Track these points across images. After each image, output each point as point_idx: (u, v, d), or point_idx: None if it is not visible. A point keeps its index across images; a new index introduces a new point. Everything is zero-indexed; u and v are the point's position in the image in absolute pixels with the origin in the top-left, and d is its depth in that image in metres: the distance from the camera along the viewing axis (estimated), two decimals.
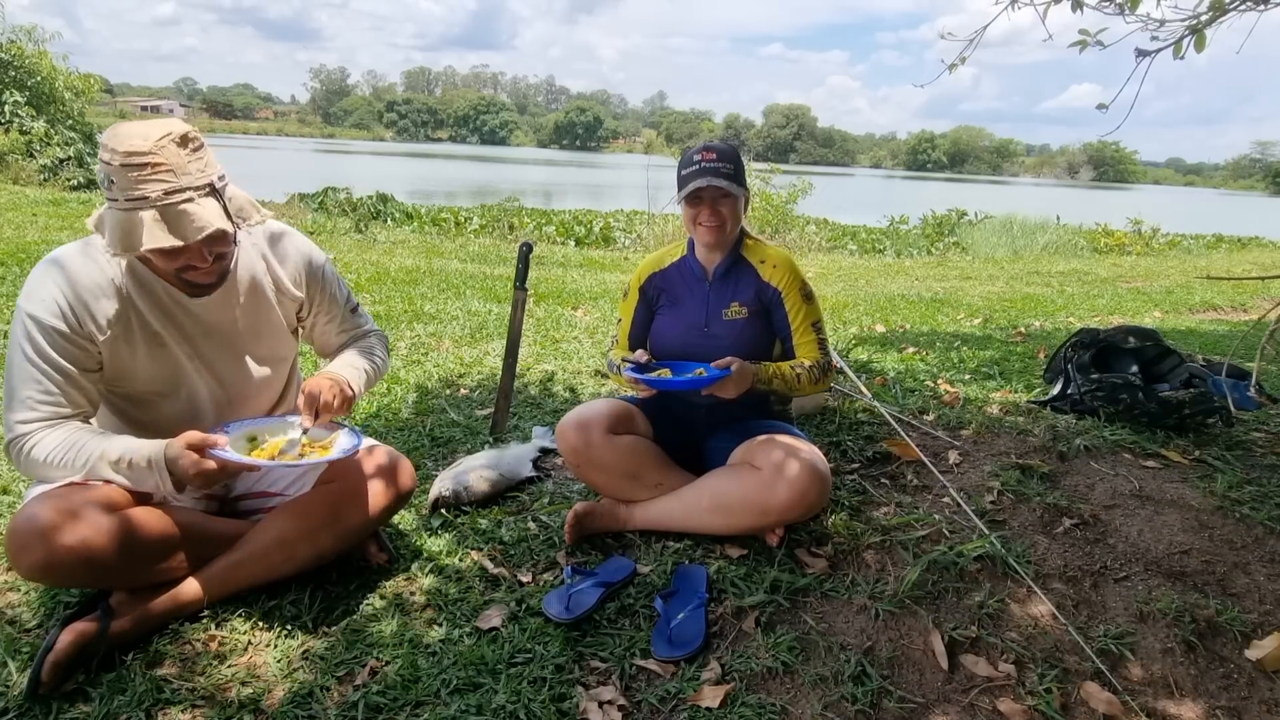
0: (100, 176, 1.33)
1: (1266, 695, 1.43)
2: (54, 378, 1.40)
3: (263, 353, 1.66)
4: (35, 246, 5.01)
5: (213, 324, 1.56)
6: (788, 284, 1.93)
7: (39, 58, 12.37)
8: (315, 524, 1.56)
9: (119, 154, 1.29)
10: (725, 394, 1.80)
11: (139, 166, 1.29)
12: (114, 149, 1.30)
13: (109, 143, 1.31)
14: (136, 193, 1.30)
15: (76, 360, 1.42)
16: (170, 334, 1.52)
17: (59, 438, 1.39)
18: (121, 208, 1.31)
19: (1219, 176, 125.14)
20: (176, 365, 1.54)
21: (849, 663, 1.47)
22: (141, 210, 1.30)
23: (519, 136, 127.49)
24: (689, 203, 1.88)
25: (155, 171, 1.30)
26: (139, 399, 1.56)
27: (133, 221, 1.30)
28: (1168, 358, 2.74)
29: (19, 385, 1.40)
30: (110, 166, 1.30)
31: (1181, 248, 14.43)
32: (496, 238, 10.41)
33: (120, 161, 1.29)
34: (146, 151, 1.30)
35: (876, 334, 4.40)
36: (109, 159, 1.30)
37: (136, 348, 1.48)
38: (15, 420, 1.39)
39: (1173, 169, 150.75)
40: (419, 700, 1.36)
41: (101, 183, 1.34)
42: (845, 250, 12.13)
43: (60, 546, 1.31)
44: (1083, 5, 2.18)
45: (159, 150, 1.31)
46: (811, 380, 1.90)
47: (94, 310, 1.42)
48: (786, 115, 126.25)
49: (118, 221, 1.31)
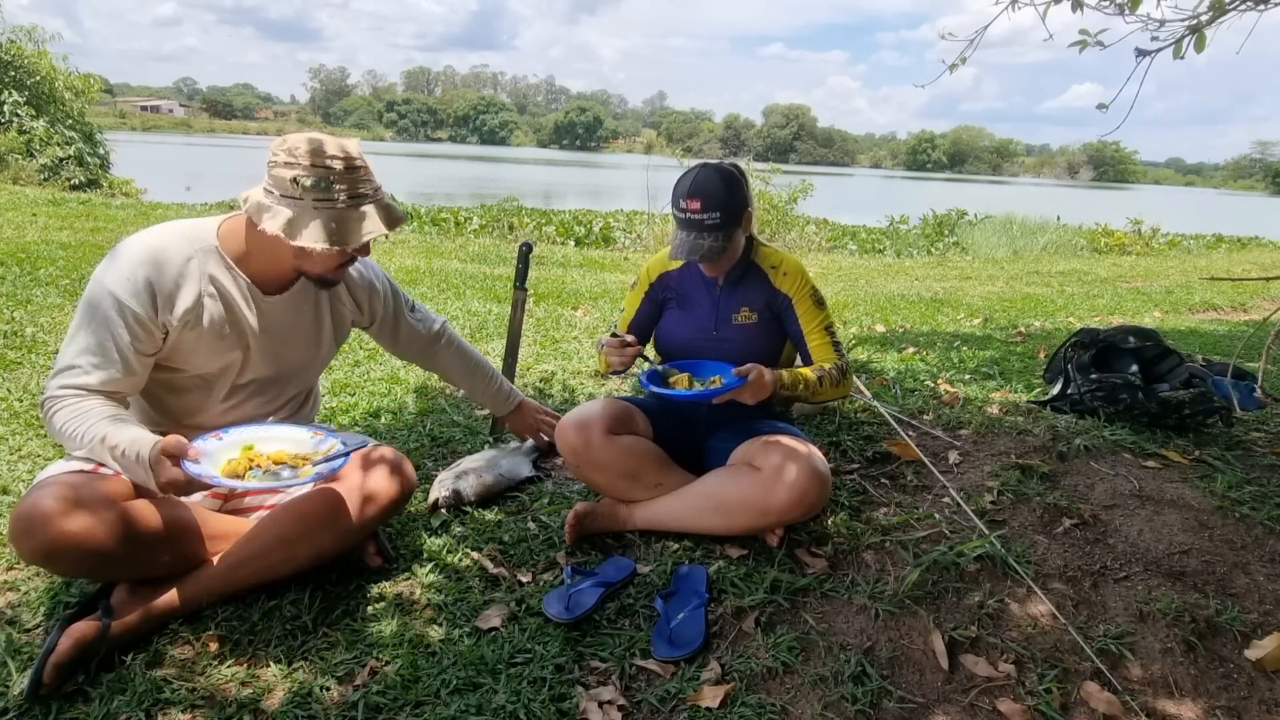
0: (310, 180, 1.44)
1: (1266, 695, 1.44)
2: (112, 354, 1.45)
3: (301, 357, 1.74)
4: (35, 246, 5.01)
5: (272, 324, 1.64)
6: (798, 290, 1.92)
7: (39, 58, 12.36)
8: (315, 524, 1.57)
9: (340, 159, 1.47)
10: (744, 399, 1.77)
11: (357, 169, 1.50)
12: (332, 154, 1.46)
13: (325, 148, 1.46)
14: (360, 190, 1.49)
15: (139, 342, 1.48)
16: (235, 329, 1.59)
17: (83, 409, 1.42)
18: (342, 205, 1.47)
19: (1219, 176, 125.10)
20: (229, 360, 1.61)
21: (849, 663, 1.47)
22: (364, 205, 1.50)
23: (519, 136, 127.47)
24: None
25: (367, 174, 1.52)
26: (177, 386, 1.62)
27: (352, 216, 1.49)
28: (1168, 358, 2.74)
29: (75, 353, 1.45)
30: (333, 171, 1.46)
31: (1181, 248, 14.43)
32: (496, 238, 10.41)
33: (343, 166, 1.47)
34: (358, 156, 1.51)
35: (876, 334, 4.40)
36: (329, 163, 1.45)
37: (201, 337, 1.55)
38: (55, 384, 1.45)
39: (1173, 169, 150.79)
40: (419, 700, 1.36)
41: (311, 187, 1.44)
42: (845, 250, 12.13)
43: (62, 534, 1.33)
44: (1083, 5, 2.18)
45: (361, 156, 1.53)
46: (833, 383, 1.88)
47: (175, 298, 1.50)
48: (786, 115, 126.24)
49: (336, 217, 1.47)
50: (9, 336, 3.13)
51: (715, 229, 1.78)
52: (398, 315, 1.93)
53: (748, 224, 1.89)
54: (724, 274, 1.94)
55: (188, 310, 1.51)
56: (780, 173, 12.11)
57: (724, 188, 1.79)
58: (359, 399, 2.76)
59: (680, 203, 1.80)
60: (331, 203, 1.46)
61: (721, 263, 1.88)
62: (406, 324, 1.95)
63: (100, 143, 13.20)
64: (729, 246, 1.83)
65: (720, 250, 1.80)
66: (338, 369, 3.10)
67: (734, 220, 1.81)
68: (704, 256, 1.79)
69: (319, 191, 1.45)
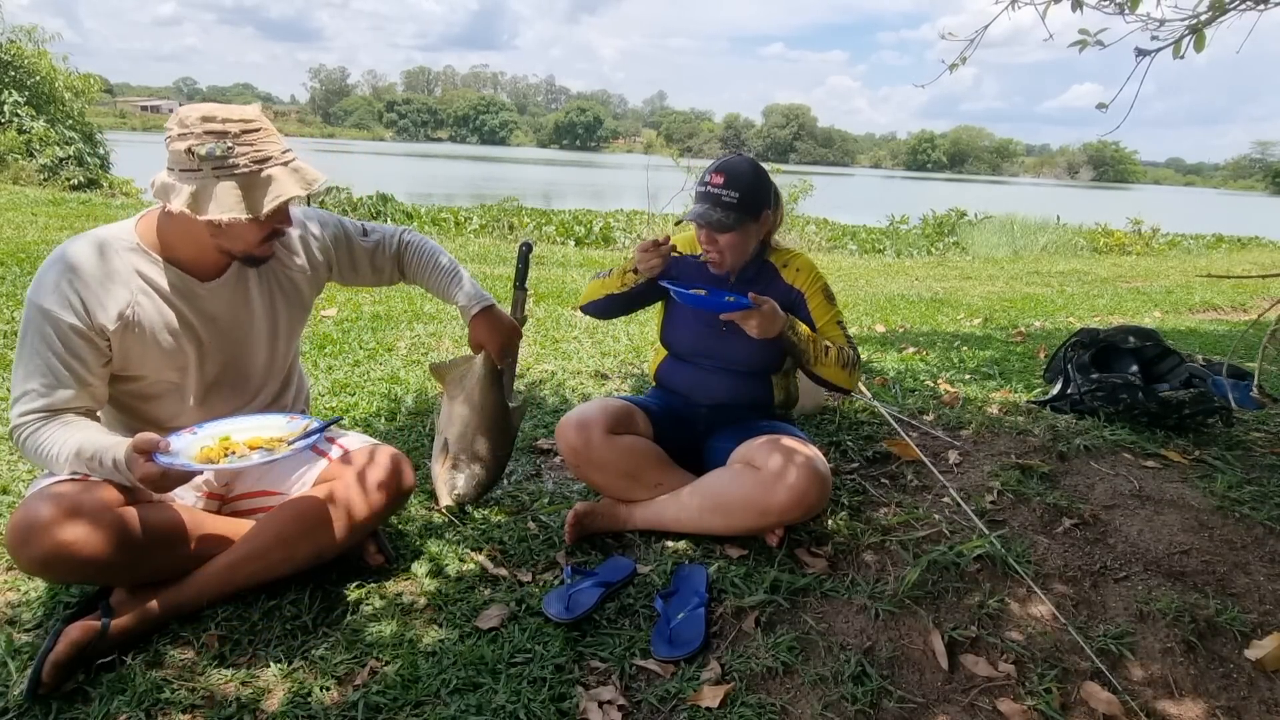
0: (205, 149, 1.36)
1: (1266, 695, 1.44)
2: (60, 371, 1.41)
3: (266, 338, 1.68)
4: (35, 246, 5.01)
5: (218, 310, 1.58)
6: (811, 285, 1.93)
7: (39, 58, 12.35)
8: (315, 523, 1.56)
9: (235, 122, 1.38)
10: (748, 326, 1.75)
11: (255, 130, 1.41)
12: (227, 118, 1.38)
13: (216, 114, 1.38)
14: (262, 153, 1.41)
15: (85, 353, 1.43)
16: (179, 323, 1.53)
17: (48, 431, 1.40)
18: (244, 170, 1.39)
19: (1219, 176, 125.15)
20: (184, 355, 1.56)
21: (849, 663, 1.47)
22: (268, 168, 1.41)
23: (519, 136, 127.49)
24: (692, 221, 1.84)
25: (268, 135, 1.43)
26: (145, 394, 1.57)
27: (256, 182, 1.40)
28: (1168, 358, 2.74)
29: (25, 377, 1.42)
30: (228, 135, 1.37)
31: (1181, 248, 14.44)
32: (496, 237, 10.41)
33: (240, 129, 1.38)
34: (256, 118, 1.42)
35: (876, 334, 4.40)
36: (223, 128, 1.37)
37: (146, 337, 1.50)
38: (16, 412, 1.42)
39: (1173, 169, 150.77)
40: (419, 700, 1.36)
41: (206, 155, 1.36)
42: (845, 250, 12.14)
43: (60, 542, 1.32)
44: (1083, 5, 2.18)
45: (261, 118, 1.44)
46: (840, 362, 1.85)
47: (104, 300, 1.44)
48: (786, 115, 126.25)
49: (241, 184, 1.39)
50: (9, 337, 3.12)
51: (730, 207, 1.79)
52: (353, 252, 1.82)
53: (764, 226, 1.89)
54: (735, 271, 1.93)
55: (121, 313, 1.45)
56: (780, 173, 12.10)
57: (751, 175, 1.83)
58: (359, 399, 2.76)
59: (706, 177, 1.83)
60: (232, 169, 1.38)
61: (726, 253, 1.86)
62: (365, 253, 1.84)
63: (100, 143, 13.19)
64: (737, 231, 1.82)
65: (726, 226, 1.79)
66: (338, 369, 3.10)
67: (750, 209, 1.81)
68: (709, 223, 1.79)
69: (216, 160, 1.37)
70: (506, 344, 1.96)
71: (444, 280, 1.90)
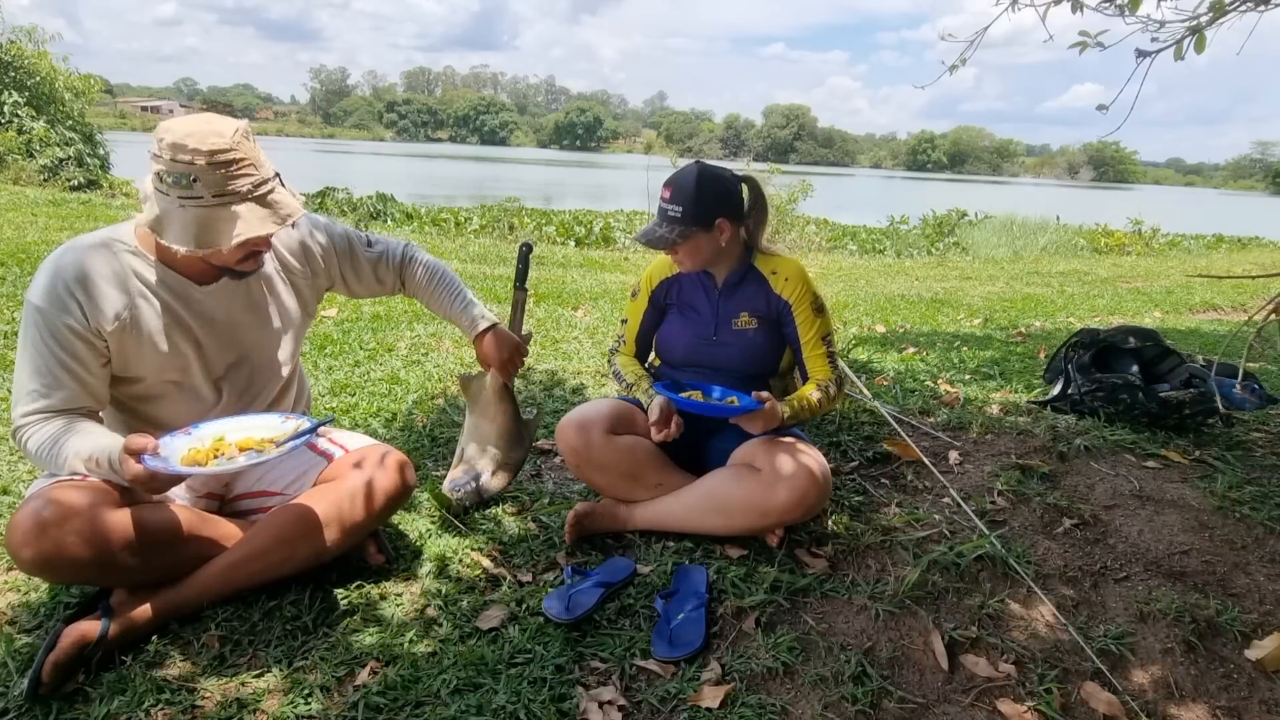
0: (172, 178, 1.34)
1: (1266, 695, 1.43)
2: (59, 372, 1.42)
3: (267, 341, 1.68)
4: (35, 246, 5.01)
5: (217, 313, 1.58)
6: (798, 296, 1.89)
7: (39, 58, 12.35)
8: (315, 523, 1.56)
9: (203, 153, 1.33)
10: (752, 428, 1.78)
11: (226, 164, 1.35)
12: (195, 148, 1.33)
13: (185, 143, 1.33)
14: (229, 188, 1.36)
15: (84, 353, 1.43)
16: (177, 324, 1.53)
17: (49, 432, 1.40)
18: (208, 204, 1.35)
19: (1219, 176, 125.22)
20: (183, 357, 1.56)
21: (849, 663, 1.47)
22: (234, 204, 1.37)
23: (519, 137, 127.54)
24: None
25: (240, 167, 1.37)
26: (146, 395, 1.57)
27: (221, 216, 1.36)
28: (1168, 358, 2.74)
29: (25, 378, 1.42)
30: (194, 166, 1.33)
31: (1181, 248, 14.44)
32: (496, 238, 10.41)
33: (206, 161, 1.33)
34: (230, 148, 1.35)
35: (876, 334, 4.40)
36: (190, 159, 1.33)
37: (144, 339, 1.50)
38: (18, 413, 1.42)
39: (1173, 169, 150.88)
40: (419, 700, 1.36)
41: (173, 184, 1.34)
42: (845, 250, 12.14)
43: (60, 542, 1.32)
44: (1083, 6, 2.18)
45: (238, 146, 1.37)
46: (829, 399, 1.89)
47: (101, 302, 1.44)
48: (786, 115, 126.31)
49: (200, 218, 1.36)
50: (9, 337, 3.12)
51: (673, 221, 1.79)
52: (356, 262, 1.81)
53: (723, 233, 1.83)
54: (728, 264, 1.92)
55: (118, 314, 1.45)
56: (780, 173, 12.11)
57: (695, 186, 1.77)
58: (359, 399, 2.76)
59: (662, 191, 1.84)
60: (197, 200, 1.35)
61: (686, 261, 1.86)
62: (369, 263, 1.82)
63: (100, 143, 13.20)
64: (686, 244, 1.81)
65: (669, 242, 1.80)
66: (338, 369, 3.10)
67: (696, 219, 1.78)
68: (650, 242, 1.81)
69: (181, 189, 1.34)
70: (512, 361, 1.97)
71: (450, 300, 1.91)
